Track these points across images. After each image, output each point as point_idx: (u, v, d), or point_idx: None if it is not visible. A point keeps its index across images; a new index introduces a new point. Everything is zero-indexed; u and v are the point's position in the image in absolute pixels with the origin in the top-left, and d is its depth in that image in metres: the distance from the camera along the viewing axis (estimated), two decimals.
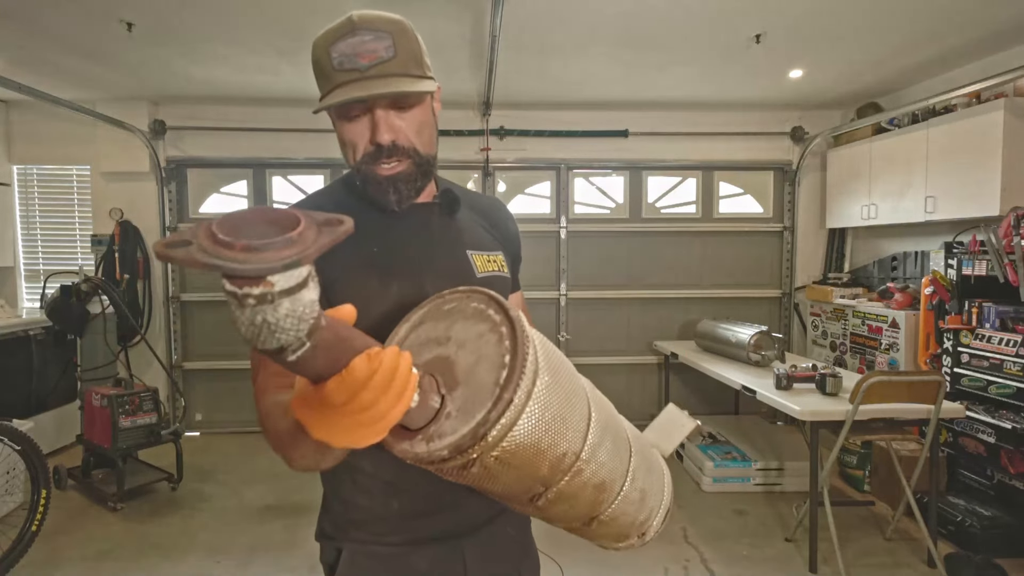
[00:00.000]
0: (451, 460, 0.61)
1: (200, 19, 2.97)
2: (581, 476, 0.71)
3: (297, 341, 0.49)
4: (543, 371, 0.65)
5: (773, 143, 4.85)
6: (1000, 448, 2.90)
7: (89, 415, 3.45)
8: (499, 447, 0.61)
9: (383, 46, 0.79)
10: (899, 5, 2.82)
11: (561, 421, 0.66)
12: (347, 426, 0.54)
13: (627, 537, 0.87)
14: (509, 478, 0.66)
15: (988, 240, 2.97)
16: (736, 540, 2.97)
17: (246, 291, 0.45)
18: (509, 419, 0.60)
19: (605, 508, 0.78)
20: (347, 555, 0.94)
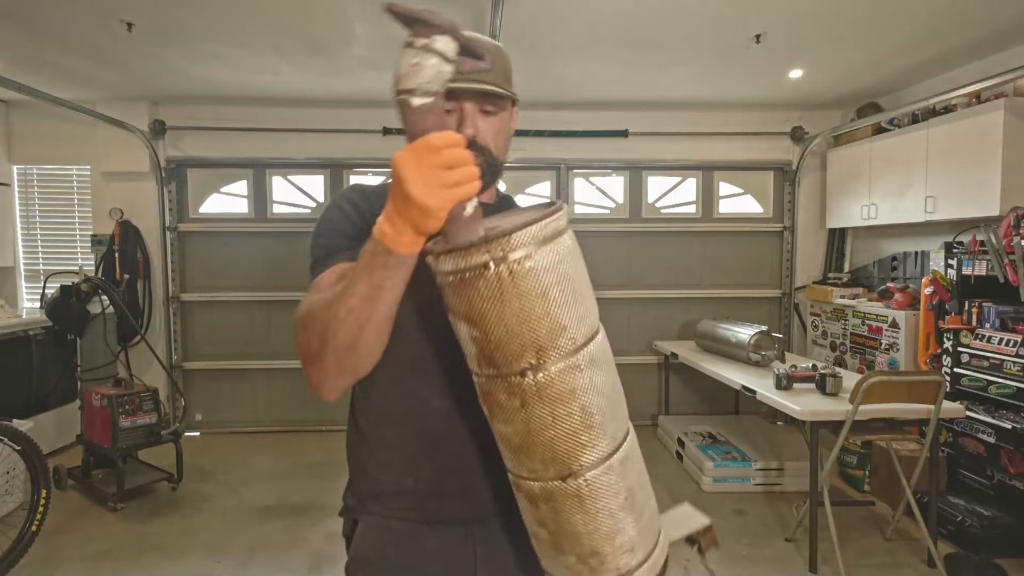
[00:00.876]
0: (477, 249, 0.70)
1: (200, 19, 2.97)
2: (574, 377, 0.74)
3: (427, 90, 0.69)
4: (570, 240, 0.76)
5: (773, 143, 4.85)
6: (1000, 448, 2.90)
7: (89, 415, 3.45)
8: (518, 258, 0.69)
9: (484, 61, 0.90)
10: (899, 5, 2.82)
11: (571, 293, 0.74)
12: (434, 180, 0.67)
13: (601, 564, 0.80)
14: (512, 312, 0.71)
15: (988, 240, 2.97)
16: (736, 540, 2.97)
17: (422, 39, 0.67)
18: (533, 232, 0.70)
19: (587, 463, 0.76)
20: (363, 526, 0.99)
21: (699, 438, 3.99)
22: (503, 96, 0.93)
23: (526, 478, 0.80)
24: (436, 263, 0.74)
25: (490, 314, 0.72)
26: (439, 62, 0.68)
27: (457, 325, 0.78)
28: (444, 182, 0.67)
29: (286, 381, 4.79)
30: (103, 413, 3.30)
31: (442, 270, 0.74)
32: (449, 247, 0.72)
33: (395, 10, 0.67)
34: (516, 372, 0.74)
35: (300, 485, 3.68)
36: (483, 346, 0.75)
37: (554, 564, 0.85)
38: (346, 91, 4.23)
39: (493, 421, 0.82)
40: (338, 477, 3.78)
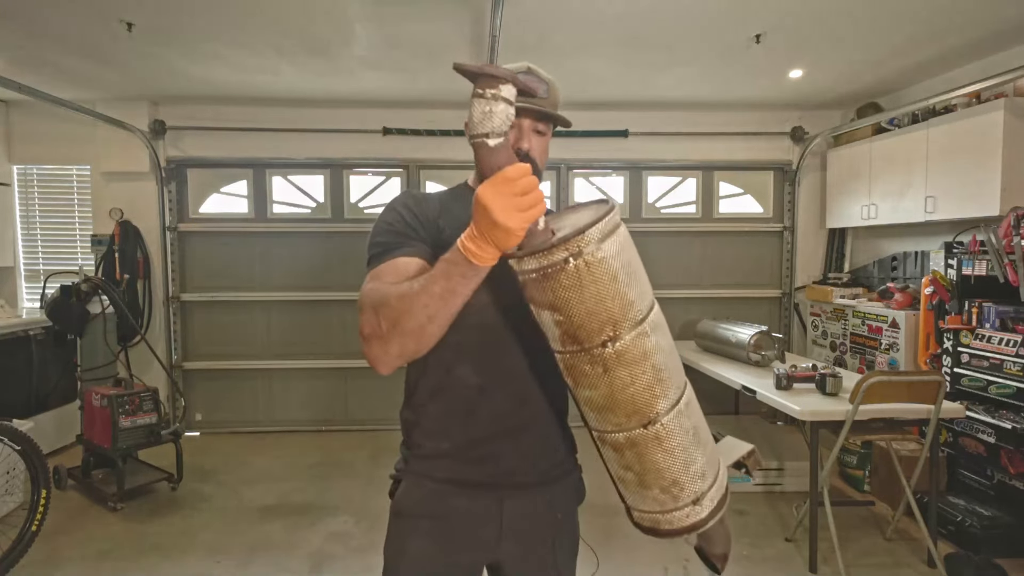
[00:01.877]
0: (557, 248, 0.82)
1: (200, 19, 2.97)
2: (644, 341, 0.87)
3: (498, 132, 0.84)
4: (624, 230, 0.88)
5: (773, 143, 4.85)
6: (1000, 448, 2.90)
7: (89, 415, 3.46)
8: (591, 251, 0.82)
9: (542, 88, 1.10)
10: (899, 5, 2.82)
11: (633, 273, 0.87)
12: (513, 206, 0.80)
13: (680, 491, 0.95)
14: (590, 296, 0.83)
15: (988, 240, 2.97)
16: (736, 540, 2.96)
17: (490, 90, 0.82)
18: (600, 228, 0.83)
19: (662, 409, 0.90)
20: (404, 485, 1.17)
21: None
22: (554, 120, 1.11)
23: (611, 431, 0.94)
24: (519, 264, 0.87)
25: (572, 300, 0.84)
26: (506, 107, 0.83)
27: (540, 313, 0.91)
28: (520, 207, 0.81)
29: (286, 381, 4.79)
30: (103, 413, 3.30)
31: (525, 269, 0.86)
32: (530, 250, 0.85)
33: (462, 68, 0.82)
34: (598, 344, 0.87)
35: (300, 485, 3.68)
36: (567, 328, 0.88)
37: (641, 499, 0.99)
38: (346, 91, 4.23)
39: (578, 388, 0.94)
40: (338, 477, 3.81)
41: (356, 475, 3.82)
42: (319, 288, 4.69)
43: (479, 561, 1.16)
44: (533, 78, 1.09)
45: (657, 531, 1.00)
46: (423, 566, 1.12)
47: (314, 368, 4.77)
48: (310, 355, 4.75)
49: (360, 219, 4.79)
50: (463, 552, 1.13)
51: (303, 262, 4.74)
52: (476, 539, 1.13)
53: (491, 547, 1.14)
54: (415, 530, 1.14)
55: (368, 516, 3.18)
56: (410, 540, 1.14)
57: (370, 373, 4.66)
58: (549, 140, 1.15)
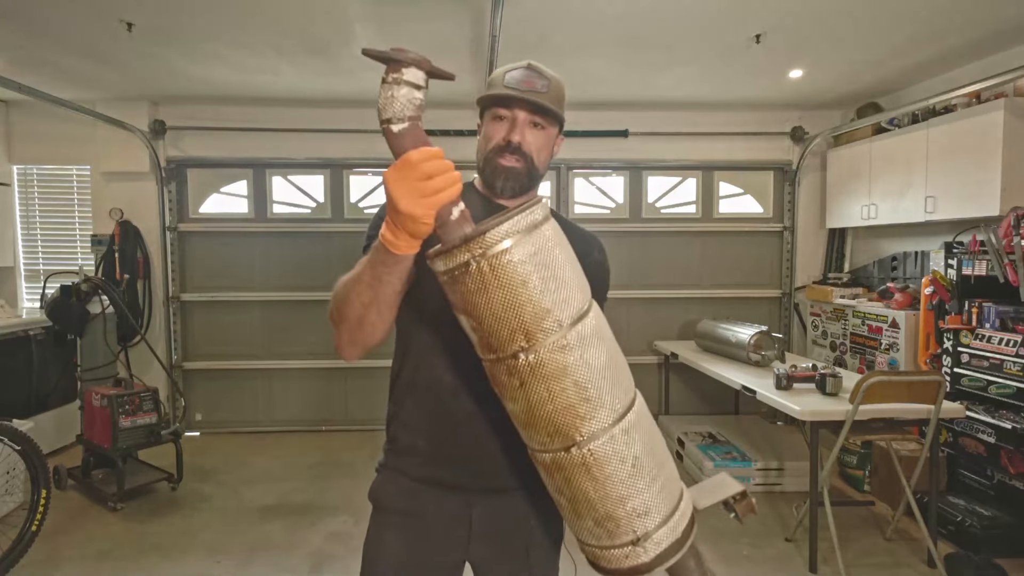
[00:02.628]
0: (459, 250, 0.77)
1: (200, 19, 2.96)
2: (564, 355, 0.80)
3: (400, 117, 0.81)
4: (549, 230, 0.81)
5: (773, 143, 4.85)
6: (1000, 448, 2.90)
7: (89, 415, 3.45)
8: (495, 253, 0.76)
9: (541, 84, 1.07)
10: (899, 5, 2.82)
11: (551, 279, 0.80)
12: (415, 191, 0.79)
13: (616, 527, 0.85)
14: (497, 301, 0.78)
15: (988, 240, 2.97)
16: (736, 540, 2.97)
17: (392, 74, 0.80)
18: (507, 228, 0.77)
19: (588, 434, 0.81)
20: (380, 479, 1.18)
21: (699, 438, 3.99)
22: (551, 113, 1.08)
23: (537, 450, 0.88)
24: (433, 265, 0.83)
25: (480, 305, 0.79)
26: (409, 91, 0.81)
27: (459, 317, 0.86)
28: (423, 192, 0.79)
29: (286, 381, 4.79)
30: (103, 413, 3.30)
31: (437, 270, 0.82)
32: (438, 250, 0.81)
33: (370, 53, 0.80)
34: (511, 355, 0.81)
35: (300, 485, 3.68)
36: (480, 334, 0.83)
37: (578, 528, 0.92)
38: (346, 91, 4.23)
39: (503, 400, 0.89)
40: (338, 477, 3.80)
41: (356, 475, 3.82)
42: (319, 288, 4.68)
43: (457, 560, 1.15)
44: (534, 74, 1.07)
45: (597, 567, 0.92)
46: (397, 562, 1.12)
47: (314, 368, 4.77)
48: (310, 355, 4.75)
49: (360, 219, 4.79)
50: (436, 553, 1.12)
51: (303, 262, 4.73)
52: (448, 540, 1.12)
53: (463, 548, 1.13)
54: (390, 525, 1.14)
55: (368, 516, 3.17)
56: (385, 535, 1.14)
57: (370, 373, 4.68)
58: (553, 136, 1.13)
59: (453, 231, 0.83)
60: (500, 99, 1.07)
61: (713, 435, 4.03)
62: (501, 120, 1.09)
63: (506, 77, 1.08)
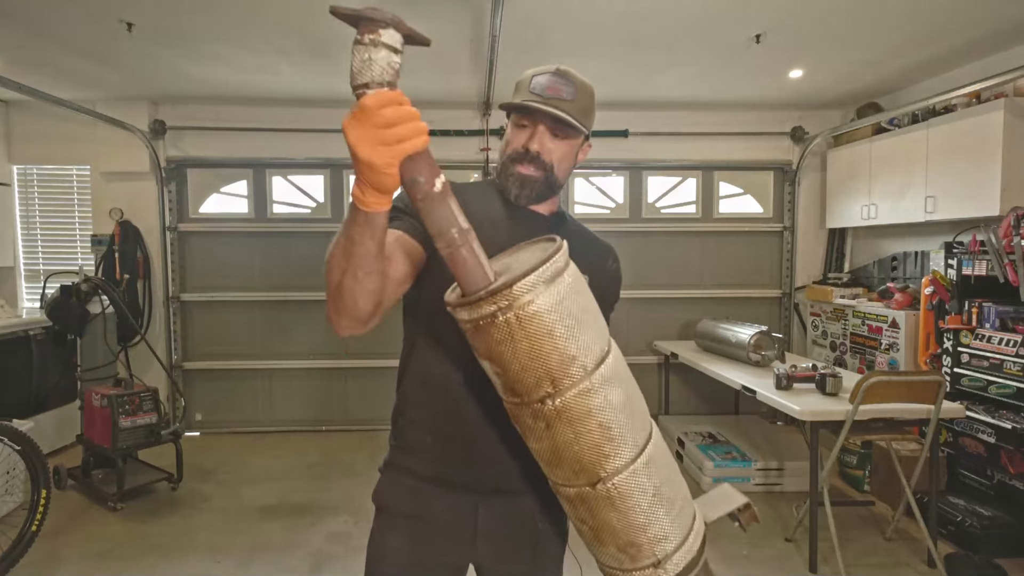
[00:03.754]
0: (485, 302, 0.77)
1: (200, 19, 2.96)
2: (589, 399, 0.81)
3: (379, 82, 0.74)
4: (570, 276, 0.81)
5: (773, 143, 4.85)
6: (1000, 448, 2.90)
7: (89, 415, 3.45)
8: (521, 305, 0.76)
9: (567, 91, 1.05)
10: (899, 5, 2.82)
11: (576, 325, 0.80)
12: (373, 138, 0.73)
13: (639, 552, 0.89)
14: (523, 351, 0.78)
15: (988, 240, 2.97)
16: (736, 540, 2.96)
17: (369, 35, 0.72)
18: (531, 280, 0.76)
19: (612, 469, 0.84)
20: (385, 479, 1.16)
21: (699, 438, 3.99)
22: (573, 126, 1.05)
23: (562, 485, 0.90)
24: (456, 314, 0.82)
25: (505, 354, 0.80)
26: (388, 54, 0.74)
27: (481, 362, 0.86)
28: (385, 139, 0.73)
29: (286, 381, 4.79)
30: (103, 413, 3.30)
31: (460, 319, 0.82)
32: (462, 300, 0.80)
33: (339, 11, 0.73)
34: (536, 400, 0.82)
35: (300, 485, 3.68)
36: (504, 380, 0.84)
37: (599, 552, 0.94)
38: (346, 91, 4.18)
39: (526, 439, 0.91)
40: (338, 477, 3.80)
41: (356, 475, 3.82)
42: (319, 288, 4.65)
43: (460, 563, 1.14)
44: (561, 80, 1.06)
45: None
46: (402, 564, 1.11)
47: (314, 368, 4.77)
48: (310, 355, 4.75)
49: None
50: (441, 554, 1.12)
51: (303, 262, 4.74)
52: (453, 541, 1.12)
53: (468, 549, 1.13)
54: (394, 526, 1.13)
55: (368, 516, 3.15)
56: (389, 537, 1.13)
57: (370, 373, 4.68)
58: (577, 145, 1.11)
59: (436, 205, 0.79)
60: (521, 108, 1.06)
61: (713, 435, 4.03)
62: (523, 128, 1.08)
63: (532, 82, 1.06)
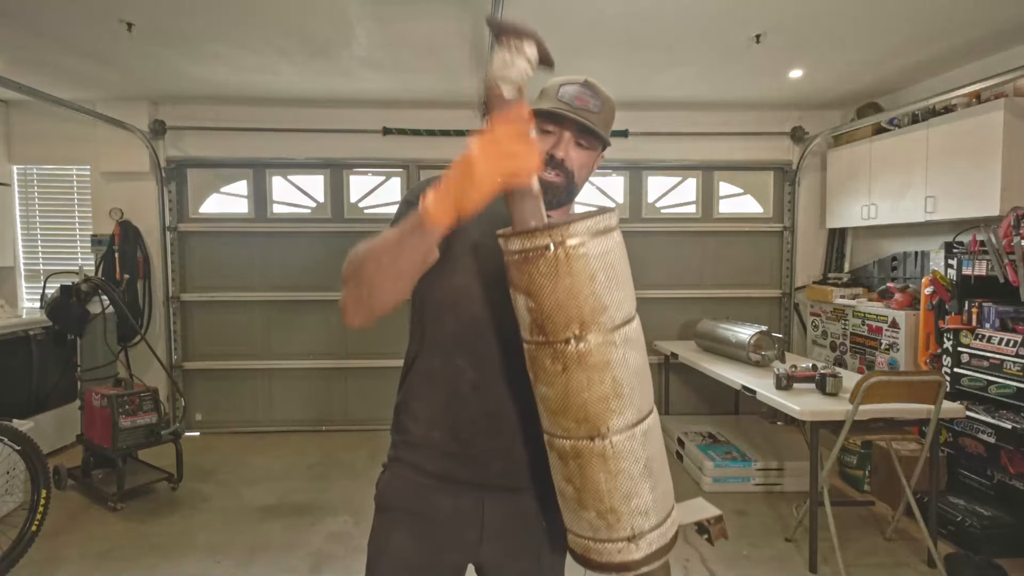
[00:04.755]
0: (541, 233, 0.84)
1: (200, 19, 2.96)
2: (610, 351, 0.86)
3: (516, 85, 0.85)
4: (618, 236, 0.89)
5: (773, 143, 4.85)
6: (1000, 448, 2.90)
7: (89, 415, 3.46)
8: (574, 244, 0.82)
9: (595, 103, 1.08)
10: (899, 5, 2.82)
11: (614, 279, 0.87)
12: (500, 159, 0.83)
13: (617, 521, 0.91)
14: (563, 288, 0.84)
15: (988, 240, 2.97)
16: (736, 540, 2.96)
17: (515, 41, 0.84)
18: (588, 225, 0.83)
19: (614, 427, 0.88)
20: (388, 476, 1.16)
21: (699, 438, 3.99)
22: (598, 136, 1.09)
23: (560, 436, 0.92)
24: (506, 243, 0.88)
25: (545, 288, 0.85)
26: (526, 64, 0.85)
27: (516, 297, 0.90)
28: (507, 167, 0.83)
29: (286, 381, 4.79)
30: (103, 413, 3.30)
31: (510, 249, 0.87)
32: (518, 231, 0.86)
33: (492, 21, 0.85)
34: (562, 340, 0.86)
35: (300, 485, 3.68)
36: (536, 315, 0.87)
37: (577, 519, 0.95)
38: (346, 91, 4.23)
39: (537, 384, 0.93)
40: (338, 477, 3.80)
41: (356, 475, 3.82)
42: (319, 288, 4.68)
43: (461, 562, 1.14)
44: (588, 92, 1.08)
45: (587, 560, 0.96)
46: (404, 563, 1.11)
47: (314, 368, 4.77)
48: (310, 355, 4.75)
49: (360, 219, 4.79)
50: (444, 553, 1.12)
51: (303, 262, 4.73)
52: (458, 540, 1.12)
53: (473, 548, 1.12)
54: (397, 525, 1.13)
55: (368, 516, 3.15)
56: (392, 535, 1.13)
57: (370, 373, 4.67)
58: (596, 155, 1.14)
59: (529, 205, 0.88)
60: (551, 115, 1.08)
61: (713, 435, 4.03)
62: (548, 134, 1.09)
63: (560, 91, 1.08)
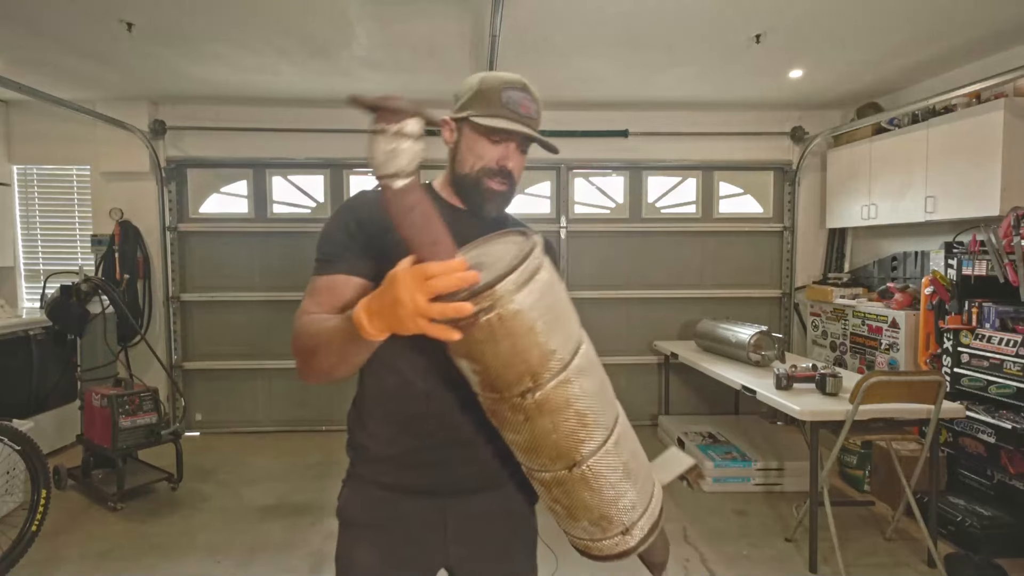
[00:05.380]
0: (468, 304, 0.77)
1: (200, 19, 2.96)
2: (567, 389, 0.84)
3: (406, 172, 0.75)
4: (546, 271, 0.82)
5: (773, 143, 4.85)
6: (1000, 448, 2.90)
7: (89, 415, 3.45)
8: (504, 304, 0.76)
9: (535, 109, 1.09)
10: (899, 5, 2.82)
11: (554, 320, 0.82)
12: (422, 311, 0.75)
13: (609, 524, 0.95)
14: (505, 349, 0.79)
15: (988, 240, 2.97)
16: (736, 540, 2.97)
17: (394, 125, 0.73)
18: (514, 279, 0.76)
19: (587, 452, 0.89)
20: (348, 491, 1.17)
21: (699, 438, 3.99)
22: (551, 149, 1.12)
23: (538, 471, 0.94)
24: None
25: (487, 353, 0.81)
26: (412, 144, 0.74)
27: (457, 361, 0.87)
28: (431, 312, 0.75)
29: (286, 381, 4.79)
30: (103, 413, 3.30)
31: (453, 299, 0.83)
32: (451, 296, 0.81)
33: (360, 101, 0.74)
34: (517, 395, 0.84)
35: (300, 485, 3.68)
36: (484, 377, 0.85)
37: (571, 527, 1.00)
38: (346, 91, 4.18)
39: (503, 431, 0.93)
40: (338, 477, 3.76)
41: None
42: None
43: (431, 568, 1.15)
44: (529, 98, 1.08)
45: (589, 554, 1.01)
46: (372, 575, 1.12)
47: None
48: None
49: None
50: (411, 562, 1.12)
51: (303, 262, 4.72)
52: (423, 548, 1.12)
53: (440, 555, 1.13)
54: (360, 540, 1.13)
55: None
56: (356, 551, 1.13)
57: None
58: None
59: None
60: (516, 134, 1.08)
61: (713, 435, 4.03)
62: (497, 143, 1.08)
63: (504, 97, 1.07)
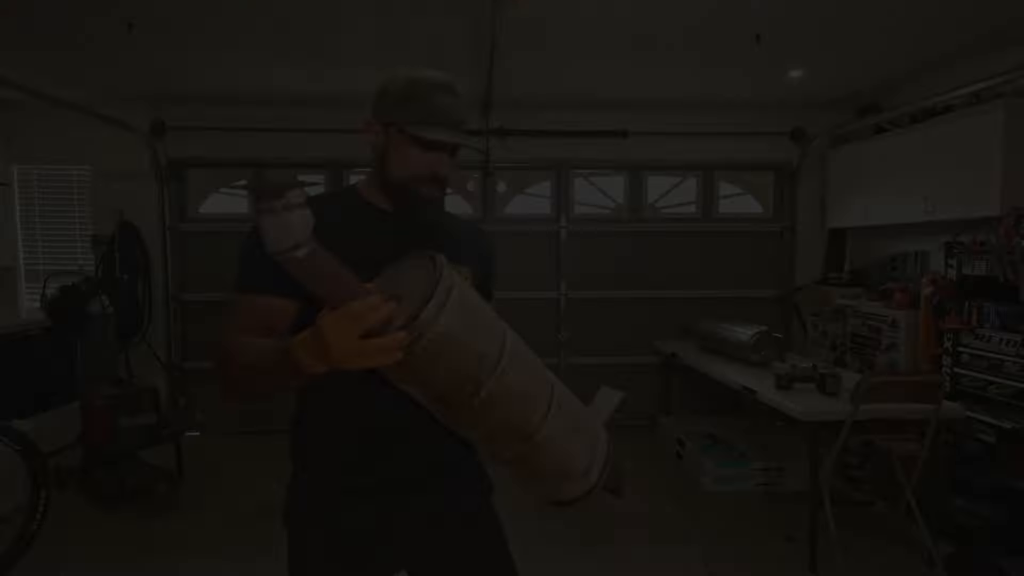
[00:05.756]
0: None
1: (200, 19, 2.97)
2: (506, 379, 0.89)
3: (305, 240, 0.75)
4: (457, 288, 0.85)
5: (773, 143, 4.84)
6: (1000, 448, 2.90)
7: (89, 415, 3.45)
8: (432, 329, 0.80)
9: (463, 110, 1.09)
10: (899, 5, 2.82)
11: (477, 327, 0.88)
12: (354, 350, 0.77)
13: (572, 471, 1.02)
14: (442, 367, 0.85)
15: (988, 240, 2.97)
16: (736, 540, 2.96)
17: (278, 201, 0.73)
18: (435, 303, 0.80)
19: (537, 423, 0.95)
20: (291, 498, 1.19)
21: (699, 438, 3.99)
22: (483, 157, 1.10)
23: (500, 452, 1.00)
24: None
25: (428, 375, 0.86)
26: (300, 211, 0.75)
27: (401, 386, 0.92)
28: (363, 351, 0.78)
29: None
30: (103, 413, 3.30)
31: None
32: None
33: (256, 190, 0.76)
34: (464, 401, 0.90)
35: None
36: (431, 395, 0.91)
37: (540, 487, 1.07)
38: (346, 91, 4.22)
39: (459, 431, 1.00)
40: None
41: None
42: None
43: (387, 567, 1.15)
44: (458, 101, 1.07)
45: (561, 502, 1.07)
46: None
47: None
48: None
49: None
50: (365, 563, 1.12)
51: None
52: (372, 551, 1.12)
53: (396, 553, 1.13)
54: (306, 545, 1.15)
55: None
56: (308, 557, 1.15)
57: None
58: None
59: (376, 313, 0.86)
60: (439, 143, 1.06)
61: (713, 435, 4.03)
62: (428, 150, 1.07)
63: (436, 100, 1.05)
